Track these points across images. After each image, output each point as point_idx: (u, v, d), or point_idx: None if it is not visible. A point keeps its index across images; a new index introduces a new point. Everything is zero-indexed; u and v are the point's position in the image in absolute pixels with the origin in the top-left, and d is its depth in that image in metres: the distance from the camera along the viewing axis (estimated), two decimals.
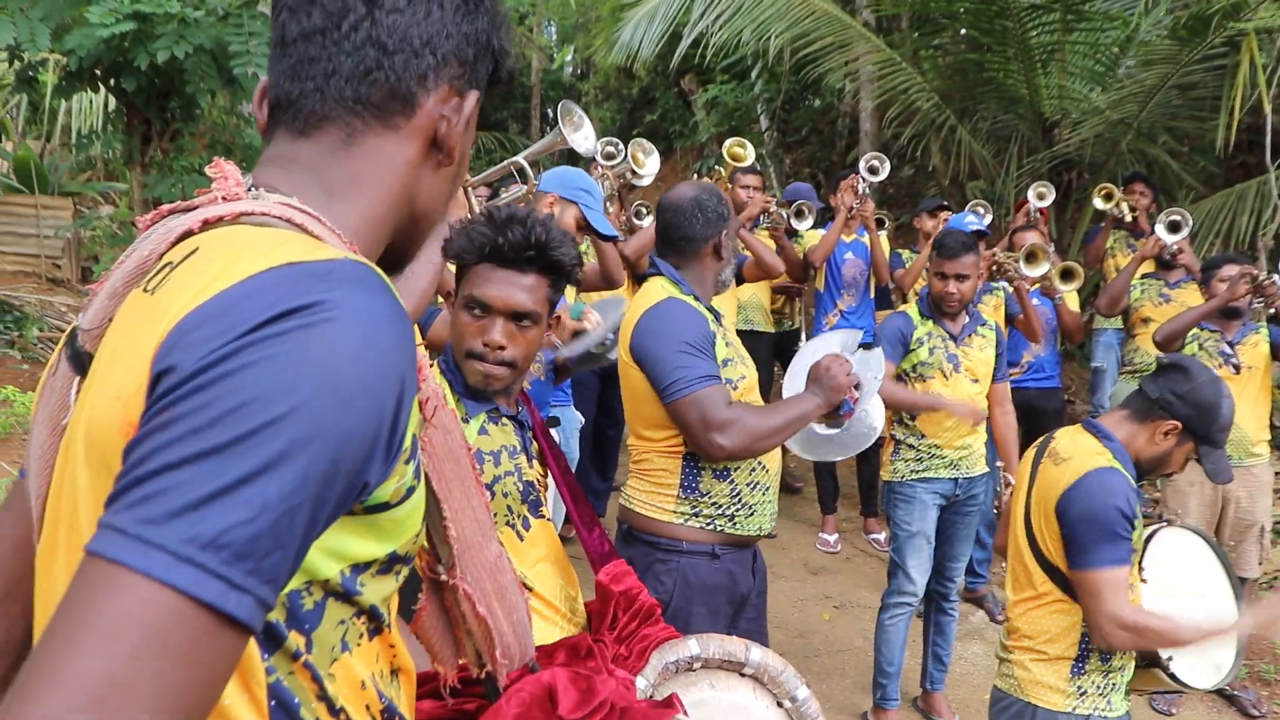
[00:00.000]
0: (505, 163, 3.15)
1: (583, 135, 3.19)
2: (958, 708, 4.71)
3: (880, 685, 4.51)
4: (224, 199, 0.98)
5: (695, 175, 7.42)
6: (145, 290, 0.92)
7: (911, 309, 4.57)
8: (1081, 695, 2.76)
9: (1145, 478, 2.86)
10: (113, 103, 7.70)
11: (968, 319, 4.52)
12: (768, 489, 3.00)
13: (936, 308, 4.47)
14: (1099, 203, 6.93)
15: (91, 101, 10.33)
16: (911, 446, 4.43)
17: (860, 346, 3.18)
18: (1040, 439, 3.02)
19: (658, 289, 3.00)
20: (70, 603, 0.72)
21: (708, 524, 2.91)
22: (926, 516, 4.41)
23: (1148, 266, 6.29)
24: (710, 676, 2.04)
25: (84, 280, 8.90)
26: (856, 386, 3.04)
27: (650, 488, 2.99)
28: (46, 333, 7.13)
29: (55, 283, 8.73)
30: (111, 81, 6.13)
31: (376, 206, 1.05)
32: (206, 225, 0.95)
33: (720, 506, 2.92)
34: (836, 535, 6.62)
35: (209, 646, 0.74)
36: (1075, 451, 2.80)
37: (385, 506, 0.94)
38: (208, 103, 6.33)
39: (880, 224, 6.90)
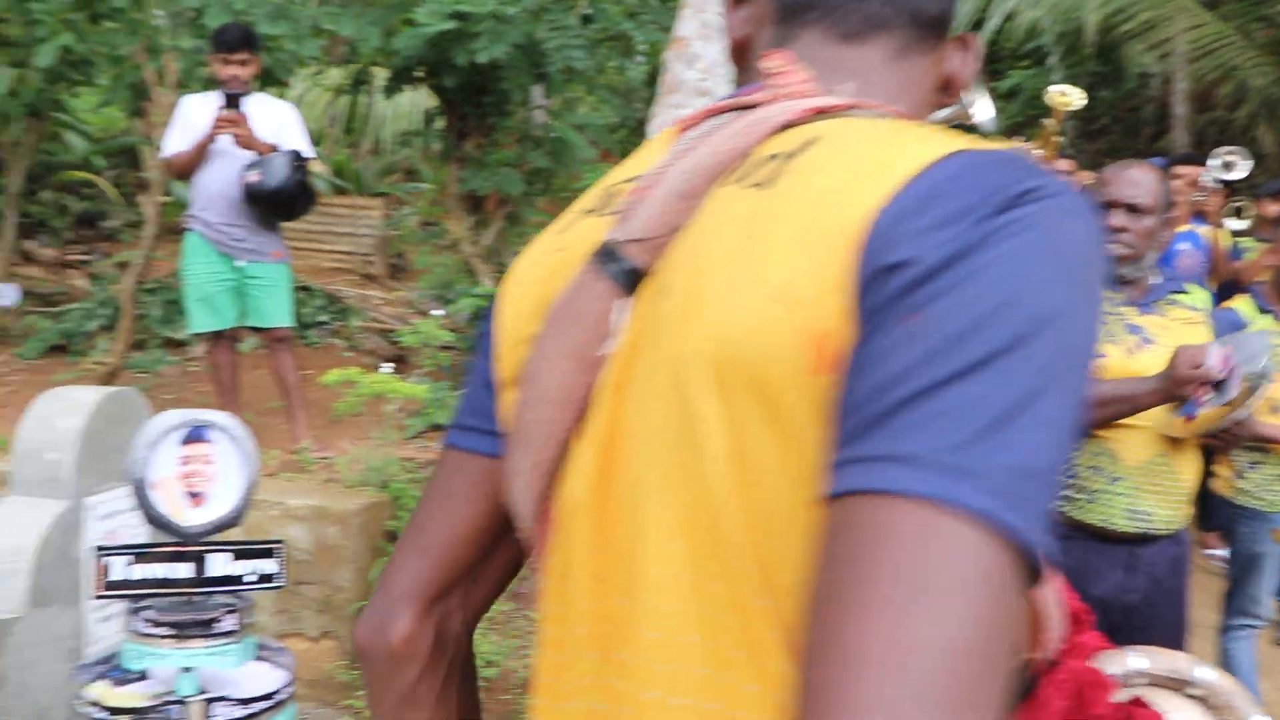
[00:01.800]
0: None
1: (981, 106, 3.08)
2: None
3: None
4: (797, 94, 0.86)
5: None
6: (752, 185, 0.80)
7: (1243, 304, 3.94)
8: None
9: None
10: (420, 108, 8.13)
11: None
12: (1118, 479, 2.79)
13: None
14: None
15: (396, 107, 10.98)
16: (1261, 462, 3.82)
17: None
18: None
19: None
20: (862, 557, 0.58)
21: None
22: None
23: None
24: (1151, 694, 1.80)
25: (393, 276, 9.44)
26: (1218, 385, 2.68)
27: None
28: (366, 323, 7.55)
29: (367, 278, 9.27)
30: (432, 80, 6.42)
31: None
32: (818, 114, 0.84)
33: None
34: None
35: (1021, 608, 0.61)
36: None
37: None
38: (519, 98, 6.52)
39: (1239, 212, 6.32)
